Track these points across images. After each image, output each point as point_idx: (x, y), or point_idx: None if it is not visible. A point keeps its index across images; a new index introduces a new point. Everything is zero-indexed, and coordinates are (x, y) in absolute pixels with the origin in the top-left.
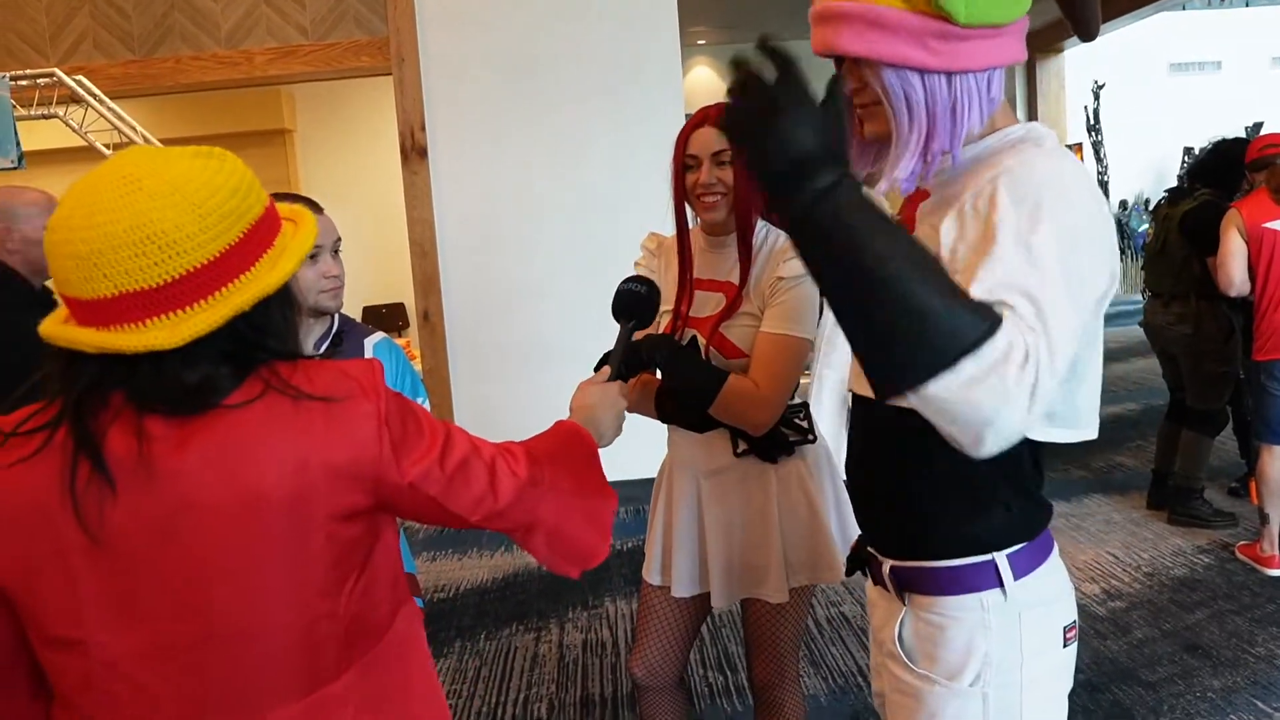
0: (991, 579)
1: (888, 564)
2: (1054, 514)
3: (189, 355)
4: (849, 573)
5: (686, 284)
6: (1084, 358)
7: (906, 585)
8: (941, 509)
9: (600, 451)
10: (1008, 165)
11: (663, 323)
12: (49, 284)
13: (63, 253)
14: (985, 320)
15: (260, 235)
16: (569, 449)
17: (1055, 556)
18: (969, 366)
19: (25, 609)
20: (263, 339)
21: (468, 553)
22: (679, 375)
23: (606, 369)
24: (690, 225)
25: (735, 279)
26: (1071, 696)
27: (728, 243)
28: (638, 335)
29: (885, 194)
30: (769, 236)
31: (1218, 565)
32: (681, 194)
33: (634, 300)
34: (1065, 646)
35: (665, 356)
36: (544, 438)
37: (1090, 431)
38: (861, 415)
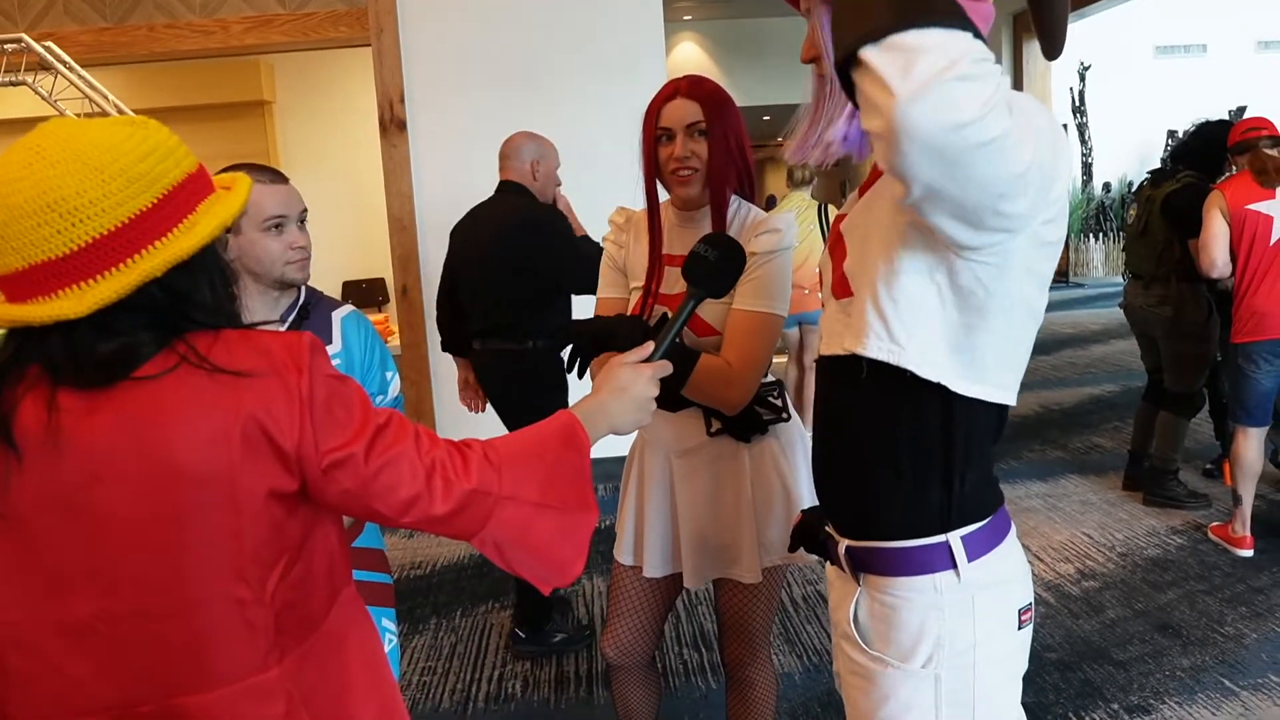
0: (945, 560)
1: (843, 544)
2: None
3: (105, 326)
4: (792, 548)
5: (657, 260)
6: (989, 309)
7: (861, 566)
8: (895, 482)
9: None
10: None
11: (632, 299)
12: None
13: None
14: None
15: (179, 201)
16: (550, 454)
17: (1012, 538)
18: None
19: None
20: (185, 308)
21: None
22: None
23: (646, 346)
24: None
25: None
26: (1042, 675)
27: (698, 217)
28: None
29: (817, 159)
30: (740, 210)
31: (1190, 546)
32: (652, 169)
33: (701, 267)
34: (1020, 629)
35: (634, 341)
36: (525, 435)
37: (1002, 395)
38: (823, 385)
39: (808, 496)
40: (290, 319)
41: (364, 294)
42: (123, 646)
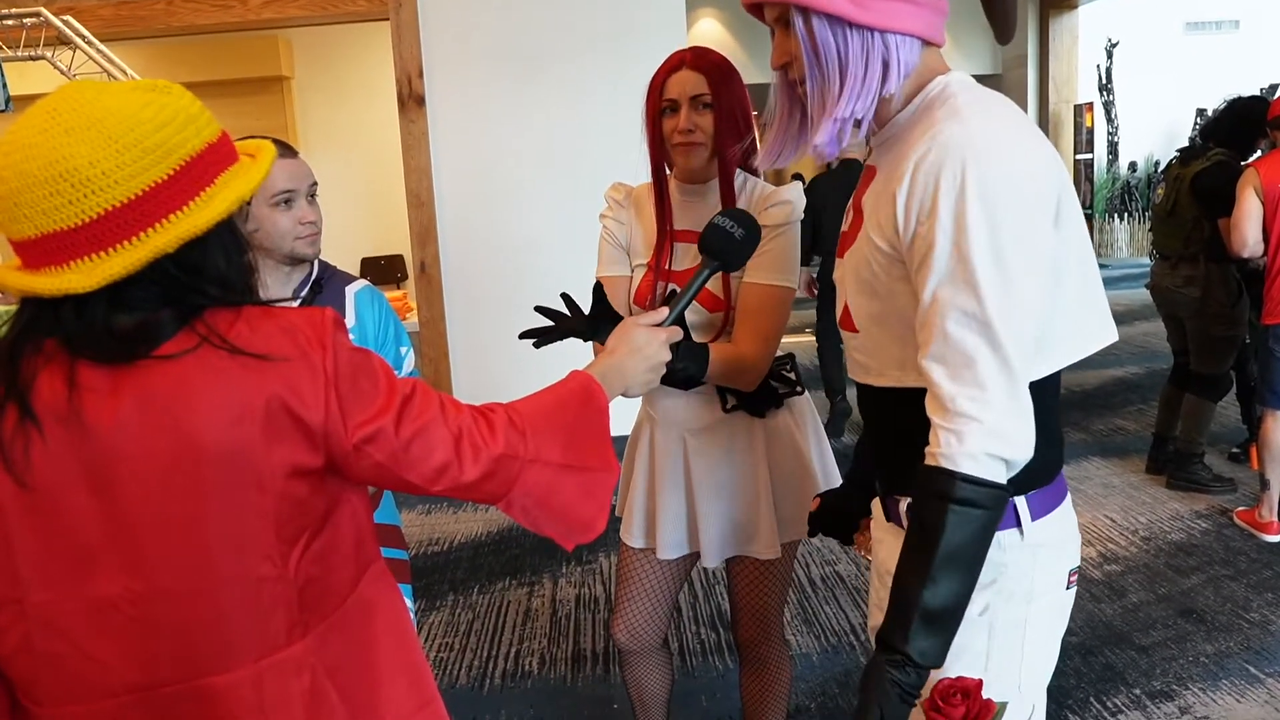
0: (1010, 519)
1: (904, 500)
2: None
3: (118, 300)
4: (811, 533)
5: (666, 236)
6: (1048, 286)
7: None
8: None
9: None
10: (923, 147)
11: (637, 277)
12: None
13: None
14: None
15: (198, 172)
16: (570, 413)
17: (1068, 501)
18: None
19: None
20: (200, 283)
21: (463, 506)
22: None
23: (661, 310)
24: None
25: None
26: (1064, 659)
27: (704, 191)
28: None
29: (792, 161)
30: (747, 184)
31: (1215, 530)
32: (657, 142)
33: (724, 241)
34: (1067, 589)
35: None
36: (546, 396)
37: (1096, 339)
38: (864, 391)
39: (822, 470)
40: (303, 294)
41: (382, 270)
42: (148, 626)
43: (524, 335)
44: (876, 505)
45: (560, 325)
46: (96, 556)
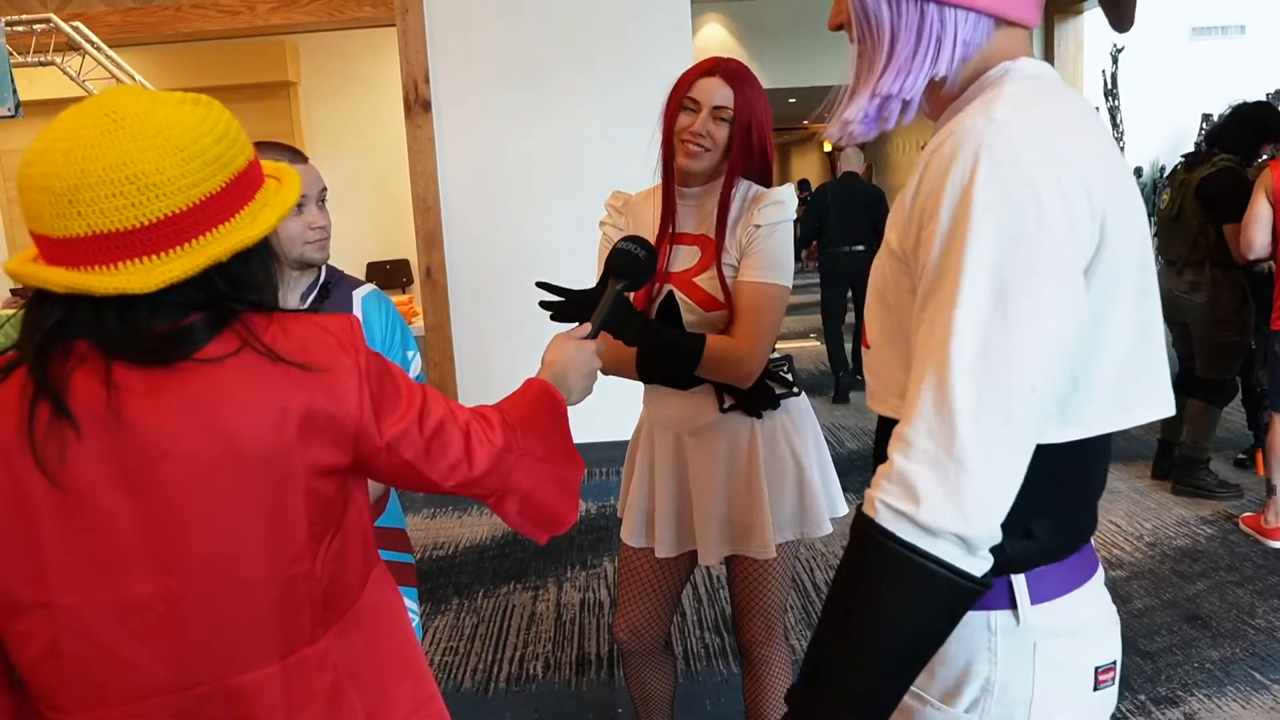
0: (1003, 598)
1: None
2: None
3: (158, 303)
4: None
5: (668, 239)
6: (1076, 348)
7: None
8: None
9: (572, 414)
10: (941, 137)
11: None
12: None
13: (37, 187)
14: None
15: (243, 187)
16: (541, 412)
17: (1095, 583)
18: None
19: None
20: (240, 291)
21: (468, 510)
22: (655, 354)
23: (585, 325)
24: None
25: (711, 231)
26: None
27: (702, 193)
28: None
29: (837, 139)
30: (741, 187)
31: (1221, 536)
32: (671, 138)
33: (630, 262)
34: (1097, 690)
35: (634, 339)
36: (516, 399)
37: (1144, 411)
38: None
39: (818, 471)
40: (311, 298)
41: (388, 275)
42: (180, 626)
43: (543, 304)
44: None
45: (571, 298)
46: (129, 557)
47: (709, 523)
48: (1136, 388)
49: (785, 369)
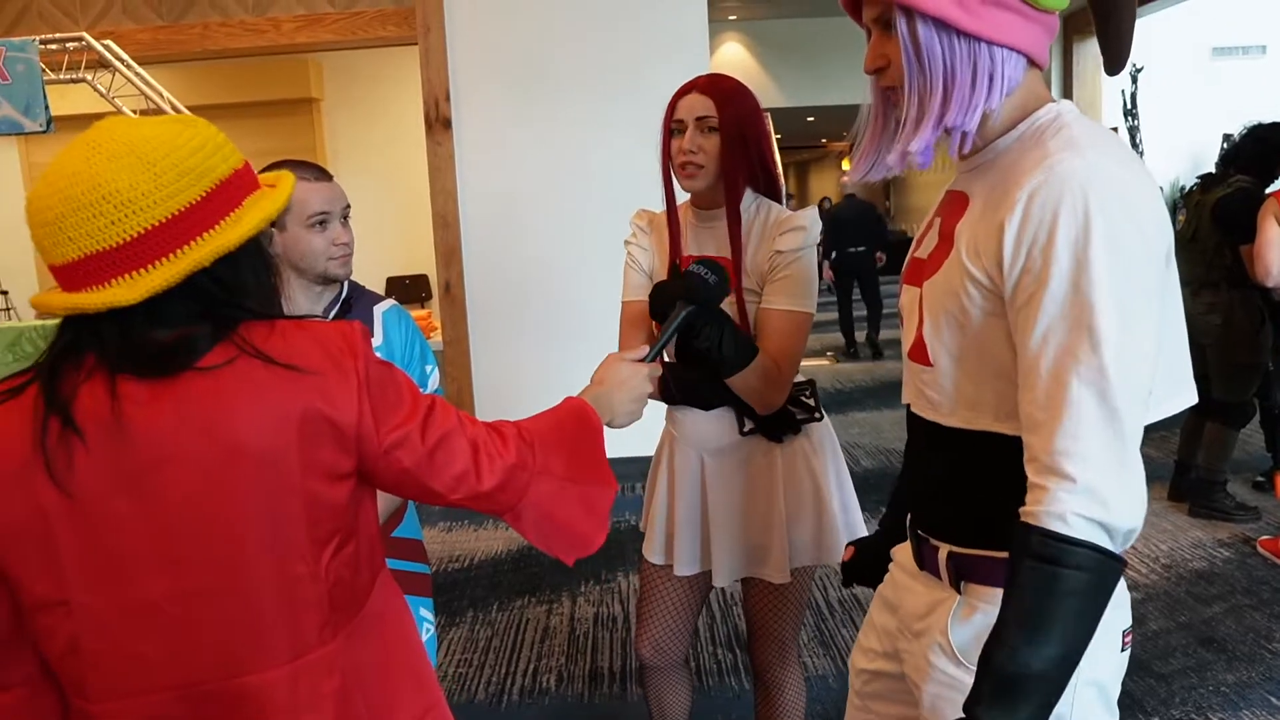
0: None
1: (944, 549)
2: None
3: (157, 314)
4: (846, 582)
5: (677, 261)
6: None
7: (966, 574)
8: (1017, 491)
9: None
10: (1038, 177)
11: None
12: None
13: (35, 221)
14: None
15: (227, 195)
16: (569, 431)
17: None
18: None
19: (8, 571)
20: (235, 297)
21: (484, 524)
22: (724, 342)
23: (643, 347)
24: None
25: (729, 254)
26: None
27: (719, 215)
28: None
29: (894, 170)
30: (759, 209)
31: (1238, 559)
32: (669, 164)
33: (699, 286)
34: (1123, 650)
35: (712, 315)
36: (545, 417)
37: (1182, 398)
38: (926, 427)
39: (838, 497)
40: (333, 313)
41: (407, 289)
42: (189, 626)
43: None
44: (902, 550)
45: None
46: (140, 559)
47: (724, 544)
48: (1176, 377)
49: (808, 393)
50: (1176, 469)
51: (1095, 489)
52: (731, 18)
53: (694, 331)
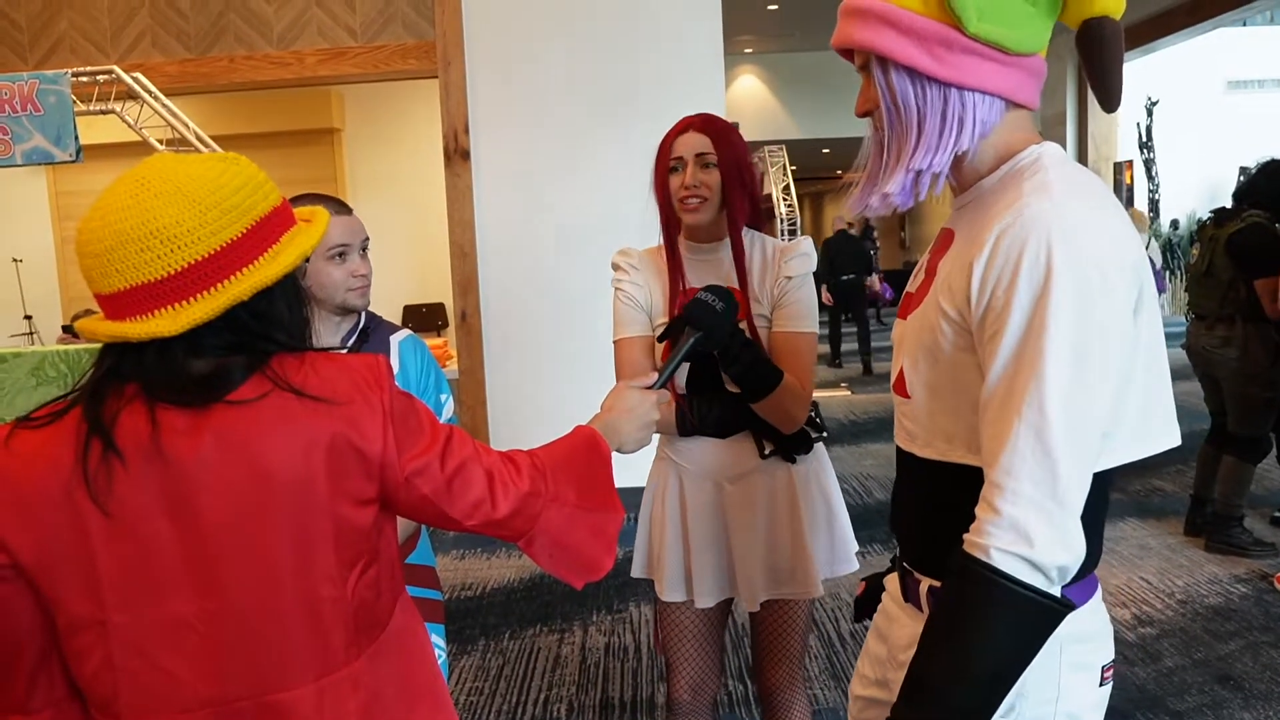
0: None
1: (926, 582)
2: None
3: (195, 345)
4: (857, 618)
5: (679, 294)
6: (1121, 370)
7: None
8: None
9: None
10: (1008, 218)
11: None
12: None
13: (84, 252)
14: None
15: (266, 231)
16: (580, 460)
17: (1100, 594)
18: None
19: (48, 591)
20: (268, 330)
21: (496, 552)
22: (750, 365)
23: (651, 374)
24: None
25: (733, 282)
26: None
27: (717, 249)
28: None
29: (876, 210)
30: (754, 240)
31: (1255, 595)
32: (666, 200)
33: (706, 313)
34: (1101, 685)
35: (733, 347)
36: (557, 446)
37: (1158, 441)
38: (905, 459)
39: (840, 510)
40: (351, 342)
41: (424, 318)
42: (220, 644)
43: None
44: (893, 580)
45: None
46: (173, 579)
47: (752, 568)
48: (1151, 421)
49: (814, 414)
50: (1192, 503)
51: (1019, 525)
52: (747, 50)
53: (728, 358)
